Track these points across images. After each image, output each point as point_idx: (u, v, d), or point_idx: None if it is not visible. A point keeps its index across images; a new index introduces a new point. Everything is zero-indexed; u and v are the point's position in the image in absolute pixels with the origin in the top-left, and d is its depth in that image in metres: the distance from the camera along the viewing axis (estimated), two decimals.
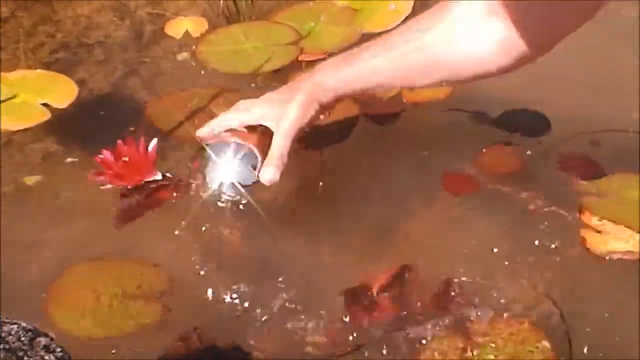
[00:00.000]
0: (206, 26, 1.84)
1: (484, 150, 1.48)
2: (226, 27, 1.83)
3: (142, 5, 1.94)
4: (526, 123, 1.55)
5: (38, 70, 1.72)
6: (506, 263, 1.30)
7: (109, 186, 1.41)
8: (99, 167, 1.42)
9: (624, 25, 1.79)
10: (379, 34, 1.75)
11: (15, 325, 1.05)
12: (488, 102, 1.58)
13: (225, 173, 1.34)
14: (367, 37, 1.75)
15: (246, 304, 1.25)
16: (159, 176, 1.42)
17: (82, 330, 1.21)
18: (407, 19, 1.80)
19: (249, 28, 1.80)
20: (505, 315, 1.21)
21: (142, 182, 1.42)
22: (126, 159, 1.40)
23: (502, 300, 1.24)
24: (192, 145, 1.48)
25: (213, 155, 1.34)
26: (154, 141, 1.43)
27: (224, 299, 1.26)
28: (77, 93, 1.65)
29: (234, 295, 1.26)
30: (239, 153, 1.32)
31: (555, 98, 1.60)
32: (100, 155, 1.41)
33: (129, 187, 1.42)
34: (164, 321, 1.23)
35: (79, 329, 1.21)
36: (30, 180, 1.49)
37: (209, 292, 1.27)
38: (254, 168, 1.33)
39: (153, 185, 1.43)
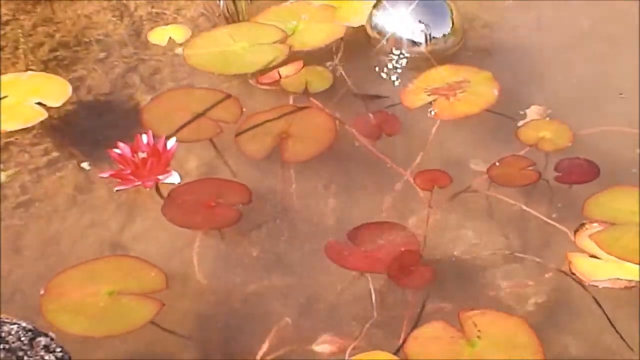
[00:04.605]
0: (190, 33, 1.83)
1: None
2: (210, 30, 1.82)
3: (142, 4, 1.94)
4: None
5: (29, 73, 1.71)
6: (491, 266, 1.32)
7: (122, 188, 1.35)
8: (104, 165, 1.41)
9: (625, 25, 1.80)
10: (361, 29, 1.78)
11: (15, 325, 1.05)
12: None
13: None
14: (351, 31, 1.78)
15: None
16: (176, 178, 1.36)
17: (80, 329, 1.20)
18: None
19: (234, 30, 1.80)
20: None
21: (159, 182, 1.37)
22: (144, 154, 1.34)
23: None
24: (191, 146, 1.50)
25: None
26: (174, 140, 1.37)
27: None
28: (71, 92, 1.64)
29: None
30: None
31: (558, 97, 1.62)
32: (116, 150, 1.35)
33: (147, 187, 1.36)
34: (161, 319, 1.22)
35: (76, 328, 1.20)
36: (8, 175, 1.49)
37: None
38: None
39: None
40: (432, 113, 1.57)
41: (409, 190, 1.44)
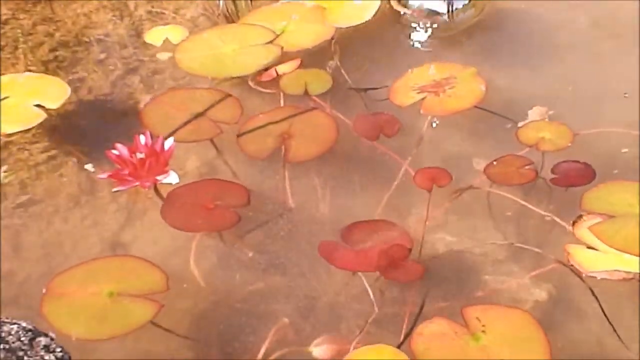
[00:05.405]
0: (186, 34, 1.82)
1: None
2: (199, 33, 1.81)
3: (142, 4, 1.94)
4: None
5: (26, 74, 1.70)
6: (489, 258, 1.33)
7: (121, 188, 1.34)
8: (105, 166, 1.40)
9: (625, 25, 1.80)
10: (354, 27, 1.78)
11: (15, 325, 1.05)
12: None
13: None
14: (341, 31, 1.78)
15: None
16: (175, 178, 1.35)
17: (79, 331, 1.20)
18: (377, 13, 1.81)
19: (223, 32, 1.79)
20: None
21: (158, 183, 1.36)
22: (142, 155, 1.33)
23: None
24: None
25: None
26: (171, 140, 1.37)
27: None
28: (69, 93, 1.63)
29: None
30: None
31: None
32: (114, 151, 1.35)
33: (145, 188, 1.35)
34: (161, 319, 1.23)
35: (76, 329, 1.20)
36: (6, 175, 1.50)
37: None
38: None
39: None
40: (434, 124, 1.58)
41: (409, 189, 1.44)
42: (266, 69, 1.69)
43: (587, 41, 1.79)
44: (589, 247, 1.31)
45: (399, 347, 1.18)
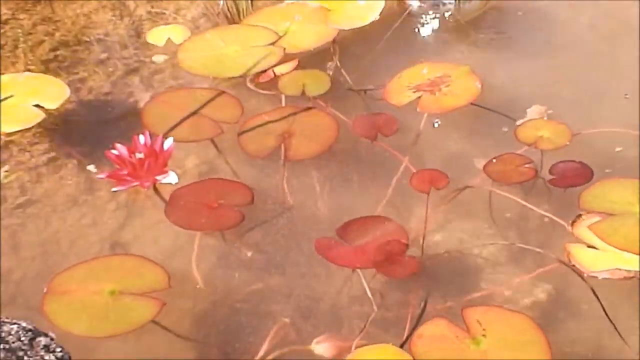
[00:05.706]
0: (187, 34, 1.82)
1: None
2: (201, 34, 1.81)
3: (142, 4, 1.94)
4: None
5: (26, 74, 1.70)
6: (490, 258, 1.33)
7: (120, 188, 1.34)
8: (105, 166, 1.40)
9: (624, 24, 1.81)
10: (357, 30, 1.78)
11: (15, 325, 1.05)
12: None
13: None
14: (343, 33, 1.78)
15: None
16: (174, 178, 1.35)
17: (80, 329, 1.20)
18: (381, 14, 1.81)
19: (225, 33, 1.79)
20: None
21: (157, 183, 1.35)
22: (141, 155, 1.33)
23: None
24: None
25: None
26: (170, 140, 1.36)
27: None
28: (68, 94, 1.63)
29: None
30: None
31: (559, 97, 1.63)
32: (113, 151, 1.35)
33: (144, 188, 1.35)
34: (162, 319, 1.23)
35: (77, 328, 1.20)
36: (6, 176, 1.50)
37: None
38: None
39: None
40: (436, 125, 1.59)
41: (409, 188, 1.44)
42: (264, 70, 1.69)
43: (588, 41, 1.79)
44: (589, 246, 1.31)
45: (402, 345, 1.18)
